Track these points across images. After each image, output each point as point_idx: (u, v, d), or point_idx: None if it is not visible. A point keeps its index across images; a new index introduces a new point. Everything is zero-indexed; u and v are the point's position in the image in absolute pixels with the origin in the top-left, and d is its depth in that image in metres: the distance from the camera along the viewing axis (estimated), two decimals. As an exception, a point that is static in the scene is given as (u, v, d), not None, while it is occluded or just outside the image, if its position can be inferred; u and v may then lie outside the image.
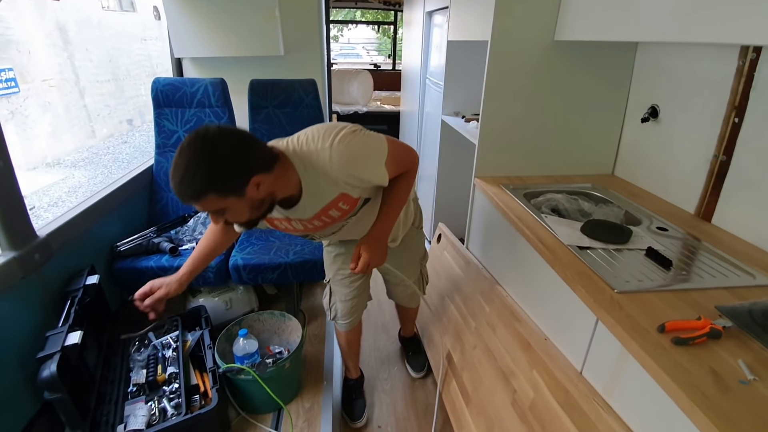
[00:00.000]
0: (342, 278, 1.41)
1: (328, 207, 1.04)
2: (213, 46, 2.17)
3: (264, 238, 1.90)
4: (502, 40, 1.57)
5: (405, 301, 1.68)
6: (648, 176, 1.65)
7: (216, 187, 0.85)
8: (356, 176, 0.98)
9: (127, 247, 1.73)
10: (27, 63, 6.60)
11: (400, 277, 1.48)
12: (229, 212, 0.91)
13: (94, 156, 7.35)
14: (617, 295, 0.99)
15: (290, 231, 1.19)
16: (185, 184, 0.84)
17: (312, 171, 0.96)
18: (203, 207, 0.88)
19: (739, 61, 1.25)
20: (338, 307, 1.47)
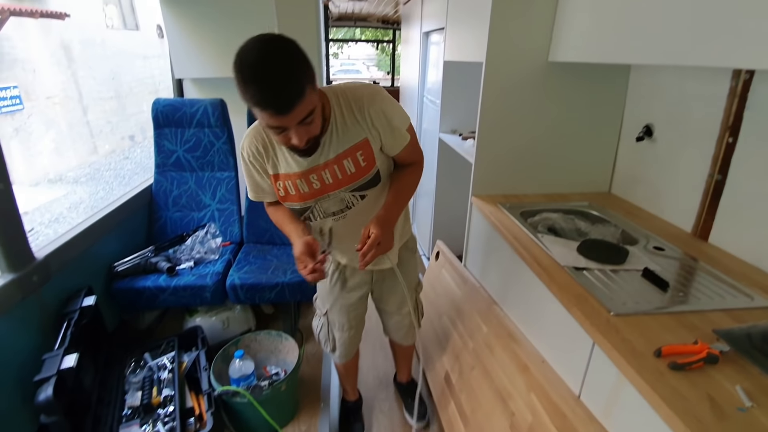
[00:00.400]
0: (341, 307, 1.35)
1: (349, 151, 1.02)
2: (213, 66, 2.20)
3: (261, 257, 1.90)
4: (497, 61, 1.60)
5: (401, 336, 1.52)
6: (644, 195, 1.66)
7: (310, 76, 0.84)
8: (386, 115, 1.02)
9: (125, 267, 1.73)
10: (32, 81, 6.70)
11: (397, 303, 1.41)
12: (315, 116, 0.88)
13: (96, 172, 7.40)
14: (613, 318, 0.99)
15: (296, 199, 1.08)
16: (288, 80, 0.80)
17: (345, 105, 1.00)
18: (303, 108, 0.83)
19: (732, 82, 1.26)
20: (337, 339, 1.41)
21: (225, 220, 2.04)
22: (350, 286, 1.34)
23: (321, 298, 1.40)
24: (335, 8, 3.78)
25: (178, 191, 2.03)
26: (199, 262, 1.84)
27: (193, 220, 2.03)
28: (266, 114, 0.83)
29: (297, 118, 0.84)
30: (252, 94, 0.80)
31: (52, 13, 6.50)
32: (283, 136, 0.89)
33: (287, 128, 0.87)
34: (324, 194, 1.08)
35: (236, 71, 0.82)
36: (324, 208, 1.11)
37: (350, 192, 1.09)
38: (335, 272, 1.32)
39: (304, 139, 0.89)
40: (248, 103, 0.83)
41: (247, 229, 2.06)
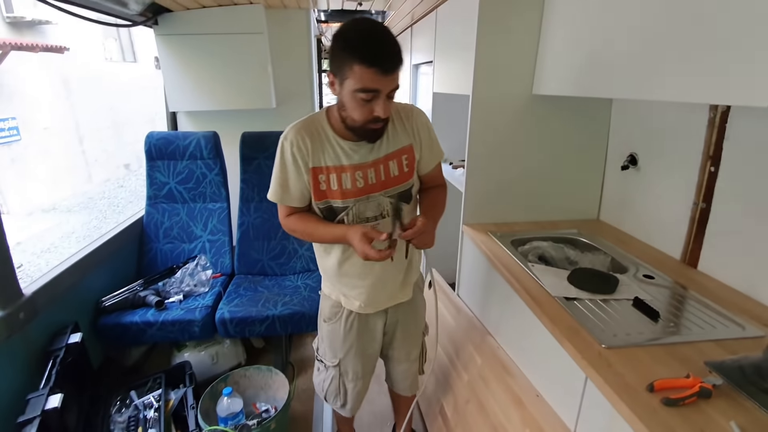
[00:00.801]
0: (357, 353, 1.27)
1: (396, 153, 1.11)
2: (207, 100, 2.25)
3: (252, 288, 1.88)
4: (483, 93, 1.64)
5: (406, 385, 1.43)
6: (632, 222, 1.67)
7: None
8: (428, 129, 1.16)
9: (113, 302, 1.71)
10: (30, 112, 6.78)
11: (406, 349, 1.36)
12: (395, 95, 1.00)
13: (90, 201, 7.38)
14: (605, 350, 0.98)
15: (338, 195, 1.08)
16: (395, 47, 0.93)
17: (396, 113, 1.11)
18: (397, 77, 0.95)
19: (711, 114, 1.30)
20: (349, 391, 1.32)
21: (216, 251, 2.03)
22: (371, 326, 1.27)
23: (332, 347, 1.28)
24: (328, 42, 3.90)
25: (170, 223, 2.03)
26: (189, 295, 1.82)
27: (183, 252, 2.02)
28: (371, 72, 0.90)
29: (392, 83, 0.94)
30: (365, 52, 0.89)
31: (52, 47, 6.63)
32: (368, 107, 0.95)
33: (378, 94, 0.94)
34: (365, 195, 1.09)
35: (345, 35, 0.93)
36: (360, 211, 1.10)
37: (388, 197, 1.11)
38: (349, 317, 1.24)
39: (387, 112, 0.97)
40: (355, 62, 0.90)
41: (238, 260, 2.05)
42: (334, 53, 0.94)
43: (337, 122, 1.07)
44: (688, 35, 0.98)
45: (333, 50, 0.95)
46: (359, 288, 1.19)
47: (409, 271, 1.26)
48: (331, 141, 1.07)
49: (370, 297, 1.20)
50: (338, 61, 0.93)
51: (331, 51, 0.97)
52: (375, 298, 1.21)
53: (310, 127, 1.08)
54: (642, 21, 1.13)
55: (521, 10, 1.56)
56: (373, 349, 1.31)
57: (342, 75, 0.94)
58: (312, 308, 1.71)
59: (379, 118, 0.97)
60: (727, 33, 0.89)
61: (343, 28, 0.94)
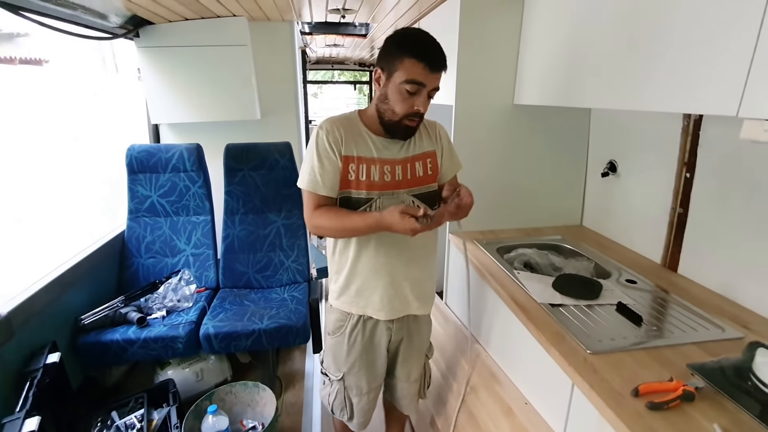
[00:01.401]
0: (361, 368, 1.25)
1: (422, 156, 1.18)
2: (190, 111, 2.22)
3: (238, 302, 1.85)
4: (466, 104, 1.67)
5: (404, 404, 1.40)
6: (614, 227, 1.71)
7: None
8: (449, 140, 1.26)
9: (92, 320, 1.65)
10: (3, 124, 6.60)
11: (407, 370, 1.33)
12: (433, 97, 1.09)
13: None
14: (590, 356, 0.99)
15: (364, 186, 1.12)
16: (443, 52, 1.04)
17: (423, 122, 1.18)
18: (440, 78, 1.05)
19: (684, 122, 1.35)
20: (355, 405, 1.29)
21: (200, 265, 1.99)
22: (375, 342, 1.25)
23: (335, 361, 1.27)
24: (312, 53, 3.91)
25: (152, 237, 1.99)
26: (172, 310, 1.77)
27: (166, 267, 1.98)
28: (421, 66, 1.00)
29: (436, 82, 1.04)
30: (418, 49, 1.01)
31: (30, 60, 6.51)
32: (411, 100, 1.04)
33: (422, 88, 1.03)
34: (391, 190, 1.13)
35: (400, 36, 1.04)
36: (384, 205, 1.12)
37: (412, 195, 1.16)
38: (354, 329, 1.22)
39: (426, 108, 1.07)
40: (406, 56, 1.00)
41: (223, 274, 2.01)
42: (386, 50, 1.05)
43: (370, 120, 1.14)
44: (657, 49, 1.02)
45: (385, 47, 1.06)
46: (374, 288, 1.18)
47: (424, 275, 1.24)
48: (363, 135, 1.13)
49: (384, 299, 1.18)
50: (390, 56, 1.03)
51: (383, 49, 1.07)
52: (390, 300, 1.19)
53: (344, 121, 1.14)
54: (614, 35, 1.17)
55: (501, 25, 1.60)
56: (379, 365, 1.28)
57: (392, 68, 1.03)
58: (299, 321, 1.69)
59: (418, 112, 1.05)
60: (696, 46, 0.92)
61: (399, 32, 1.06)
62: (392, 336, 1.25)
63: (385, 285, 1.18)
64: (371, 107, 1.15)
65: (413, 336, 1.28)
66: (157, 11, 1.86)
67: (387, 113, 1.08)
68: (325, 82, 7.93)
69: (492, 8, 1.57)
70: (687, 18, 0.94)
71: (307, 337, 1.72)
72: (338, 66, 4.75)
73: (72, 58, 7.76)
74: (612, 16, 1.18)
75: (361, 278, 1.19)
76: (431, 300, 1.30)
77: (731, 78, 0.84)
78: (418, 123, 1.10)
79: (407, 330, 1.27)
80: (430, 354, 1.41)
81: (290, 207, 2.08)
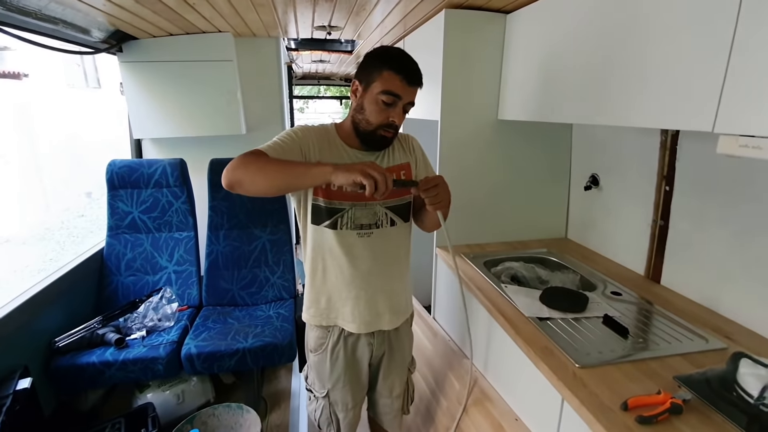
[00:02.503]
0: (346, 383, 1.23)
1: (396, 168, 1.18)
2: (174, 126, 2.20)
3: (221, 320, 1.81)
4: (451, 119, 1.69)
5: (387, 420, 1.36)
6: (597, 239, 1.73)
7: None
8: (422, 152, 1.27)
9: (67, 342, 1.59)
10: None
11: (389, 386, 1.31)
12: (408, 112, 1.11)
13: (47, 232, 6.99)
14: (579, 370, 0.99)
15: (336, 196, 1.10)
16: (421, 73, 1.07)
17: (401, 135, 1.22)
18: (415, 94, 1.08)
19: (662, 136, 1.38)
20: (341, 420, 1.27)
21: (182, 282, 1.94)
22: (358, 357, 1.23)
23: (319, 378, 1.25)
24: (299, 69, 3.93)
25: (132, 254, 1.94)
26: (153, 330, 1.72)
27: (147, 285, 1.92)
28: (398, 78, 1.03)
29: (412, 96, 1.07)
30: (397, 63, 1.04)
31: (9, 74, 6.39)
32: (388, 111, 1.05)
33: (398, 101, 1.05)
34: (362, 201, 1.12)
35: (380, 51, 1.07)
36: (356, 216, 1.12)
37: (385, 208, 1.15)
38: (336, 345, 1.20)
39: (401, 121, 1.08)
40: (385, 68, 1.03)
41: (206, 291, 1.96)
42: (365, 63, 1.08)
43: (346, 133, 1.14)
44: (632, 67, 1.06)
45: (365, 61, 1.08)
46: (345, 300, 1.16)
47: (397, 288, 1.22)
48: (338, 146, 1.13)
49: (355, 311, 1.16)
50: (369, 68, 1.06)
51: (362, 63, 1.09)
52: (361, 313, 1.16)
53: (320, 131, 1.15)
54: (590, 54, 1.21)
55: (484, 42, 1.64)
56: (362, 380, 1.27)
57: (370, 79, 1.05)
58: (285, 339, 1.65)
59: (392, 123, 1.07)
60: (670, 64, 0.95)
61: (378, 48, 1.10)
62: (374, 351, 1.23)
63: (357, 297, 1.16)
64: (347, 120, 1.15)
65: (395, 350, 1.27)
66: (142, 26, 1.85)
67: (362, 123, 1.09)
68: (311, 97, 7.97)
69: (475, 26, 1.61)
70: (660, 37, 0.98)
71: (293, 356, 1.69)
72: (324, 81, 4.77)
73: (52, 72, 7.61)
74: (588, 36, 1.21)
75: (332, 289, 1.17)
76: (405, 312, 1.27)
77: (706, 95, 0.86)
78: (393, 135, 1.11)
79: (388, 344, 1.25)
80: (413, 368, 1.39)
81: (276, 222, 2.05)
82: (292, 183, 1.00)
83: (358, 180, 0.90)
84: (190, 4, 1.55)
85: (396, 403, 1.34)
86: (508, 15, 1.61)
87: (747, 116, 0.80)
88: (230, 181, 0.98)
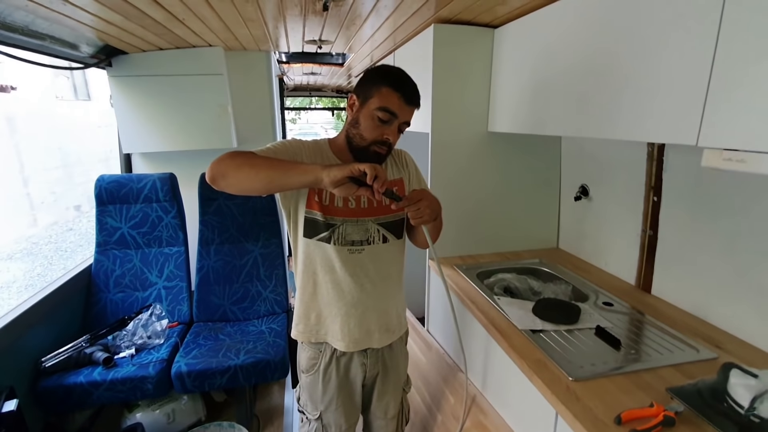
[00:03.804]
0: (339, 405, 1.20)
1: (389, 184, 1.10)
2: (164, 140, 2.18)
3: (213, 337, 1.78)
4: (441, 131, 1.70)
5: None
6: (588, 249, 1.74)
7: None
8: (416, 167, 1.27)
9: (54, 362, 1.55)
10: (-34, 154, 6.32)
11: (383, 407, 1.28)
12: (402, 133, 1.10)
13: (34, 246, 6.85)
14: (573, 383, 0.98)
15: (329, 212, 1.09)
16: (419, 95, 1.08)
17: (395, 150, 1.22)
18: (412, 114, 1.09)
19: (649, 148, 1.41)
20: None
21: (173, 298, 1.92)
22: (351, 378, 1.20)
23: (312, 399, 1.22)
24: (290, 81, 3.95)
25: (121, 270, 1.91)
26: (142, 348, 1.69)
27: (137, 301, 1.89)
28: (396, 96, 1.03)
29: (408, 116, 1.08)
30: (396, 81, 1.04)
31: (-4, 87, 6.32)
32: (383, 128, 1.05)
33: (395, 120, 1.05)
34: (355, 217, 1.11)
35: (381, 69, 1.08)
36: (347, 232, 1.11)
37: (377, 224, 1.13)
38: (329, 366, 1.17)
39: (395, 139, 1.09)
40: (384, 85, 1.03)
41: (197, 307, 1.94)
42: (365, 78, 1.08)
43: (339, 148, 1.14)
44: (617, 82, 1.08)
45: (365, 76, 1.09)
46: (335, 317, 1.14)
47: (389, 305, 1.20)
48: (330, 159, 1.13)
49: (344, 329, 1.14)
50: (368, 84, 1.06)
51: (362, 78, 1.09)
52: (350, 331, 1.14)
53: (312, 144, 1.15)
54: (576, 69, 1.23)
55: (472, 56, 1.66)
56: (356, 401, 1.24)
57: (367, 94, 1.06)
58: (277, 355, 1.63)
59: (387, 141, 1.06)
60: (655, 80, 0.97)
61: (380, 65, 1.11)
62: (367, 371, 1.21)
63: (347, 314, 1.14)
64: (341, 135, 1.15)
65: (389, 370, 1.24)
66: (131, 41, 1.85)
67: (356, 138, 1.08)
68: (303, 108, 7.99)
69: (463, 41, 1.63)
70: (644, 53, 1.00)
71: (285, 372, 1.67)
72: (316, 93, 4.80)
73: (41, 84, 7.55)
74: (573, 51, 1.24)
75: (322, 305, 1.15)
76: (397, 331, 1.24)
77: (689, 109, 0.88)
78: (387, 152, 1.10)
79: (382, 364, 1.23)
80: (408, 388, 1.35)
81: (268, 236, 2.04)
82: (278, 179, 0.96)
83: (356, 168, 0.90)
84: (180, 19, 1.56)
85: (391, 425, 1.31)
86: (496, 29, 1.64)
87: (730, 130, 0.81)
88: (213, 173, 0.97)
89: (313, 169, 0.93)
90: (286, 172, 0.95)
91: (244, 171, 0.96)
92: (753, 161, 0.77)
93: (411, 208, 1.01)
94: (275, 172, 0.96)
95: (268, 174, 0.95)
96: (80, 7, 1.32)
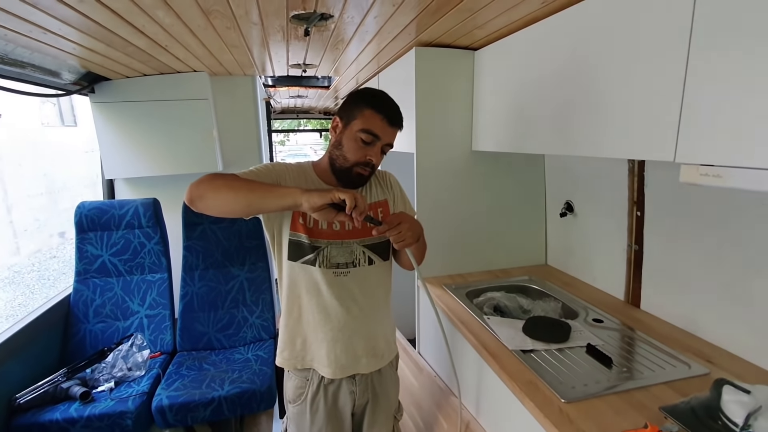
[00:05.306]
0: None
1: (373, 206, 1.17)
2: (148, 166, 2.16)
3: (196, 367, 1.72)
4: (426, 151, 1.71)
5: None
6: (576, 265, 1.74)
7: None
8: (401, 188, 1.26)
9: (29, 398, 1.48)
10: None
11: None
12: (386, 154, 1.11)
13: (16, 275, 6.67)
14: (565, 405, 0.96)
15: (314, 234, 1.08)
16: (402, 117, 1.09)
17: (379, 171, 1.22)
18: (395, 136, 1.10)
19: (630, 164, 1.42)
20: None
21: (155, 327, 1.86)
22: (340, 407, 1.16)
23: (299, 430, 1.17)
24: (277, 104, 3.97)
25: (101, 300, 1.85)
26: (122, 381, 1.62)
27: (117, 331, 1.83)
28: (379, 118, 1.04)
29: (391, 137, 1.09)
30: (380, 103, 1.05)
31: (-21, 115, 6.25)
32: (366, 149, 1.05)
33: (377, 141, 1.05)
34: (339, 239, 1.10)
35: (365, 91, 1.09)
36: (332, 255, 1.09)
37: (363, 246, 1.12)
38: (316, 395, 1.13)
39: (378, 161, 1.09)
40: (367, 107, 1.04)
41: (180, 335, 1.88)
42: (349, 101, 1.09)
43: (323, 171, 1.14)
44: (595, 101, 1.10)
45: (348, 99, 1.10)
46: (321, 342, 1.11)
47: (376, 330, 1.17)
48: (314, 181, 1.13)
49: (331, 355, 1.10)
50: (351, 106, 1.07)
51: (345, 101, 1.10)
52: (337, 357, 1.11)
53: (296, 167, 1.14)
54: (554, 89, 1.26)
55: (454, 76, 1.69)
56: (345, 429, 1.19)
57: (351, 117, 1.06)
58: (264, 384, 1.58)
59: (369, 162, 1.06)
60: (631, 99, 0.99)
61: (363, 88, 1.13)
62: (356, 399, 1.16)
63: (333, 339, 1.11)
64: (324, 157, 1.15)
65: (379, 397, 1.20)
66: (114, 68, 1.85)
67: (339, 159, 1.08)
68: (291, 130, 8.03)
69: (445, 63, 1.66)
70: (619, 72, 1.02)
71: (272, 401, 1.61)
72: (303, 115, 4.83)
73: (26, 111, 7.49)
74: (551, 72, 1.26)
75: (307, 330, 1.12)
76: (386, 356, 1.21)
77: (665, 126, 0.90)
78: (370, 174, 1.10)
79: (372, 391, 1.19)
80: (399, 416, 1.31)
81: (254, 260, 2.01)
82: (257, 202, 0.95)
83: (336, 197, 0.90)
84: (163, 46, 1.56)
85: None
86: (476, 51, 1.67)
87: (705, 146, 0.82)
88: (192, 194, 0.98)
89: (293, 193, 0.93)
90: (265, 195, 0.95)
91: (222, 193, 0.95)
92: (728, 176, 0.78)
93: (392, 232, 1.00)
94: (254, 195, 0.95)
95: (247, 196, 0.95)
96: (62, 36, 1.32)
